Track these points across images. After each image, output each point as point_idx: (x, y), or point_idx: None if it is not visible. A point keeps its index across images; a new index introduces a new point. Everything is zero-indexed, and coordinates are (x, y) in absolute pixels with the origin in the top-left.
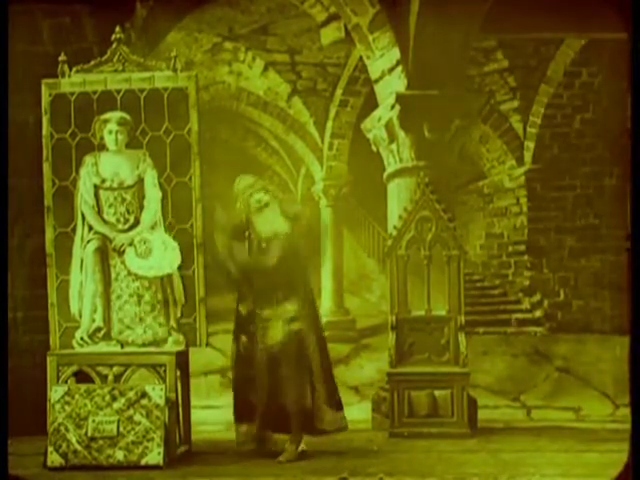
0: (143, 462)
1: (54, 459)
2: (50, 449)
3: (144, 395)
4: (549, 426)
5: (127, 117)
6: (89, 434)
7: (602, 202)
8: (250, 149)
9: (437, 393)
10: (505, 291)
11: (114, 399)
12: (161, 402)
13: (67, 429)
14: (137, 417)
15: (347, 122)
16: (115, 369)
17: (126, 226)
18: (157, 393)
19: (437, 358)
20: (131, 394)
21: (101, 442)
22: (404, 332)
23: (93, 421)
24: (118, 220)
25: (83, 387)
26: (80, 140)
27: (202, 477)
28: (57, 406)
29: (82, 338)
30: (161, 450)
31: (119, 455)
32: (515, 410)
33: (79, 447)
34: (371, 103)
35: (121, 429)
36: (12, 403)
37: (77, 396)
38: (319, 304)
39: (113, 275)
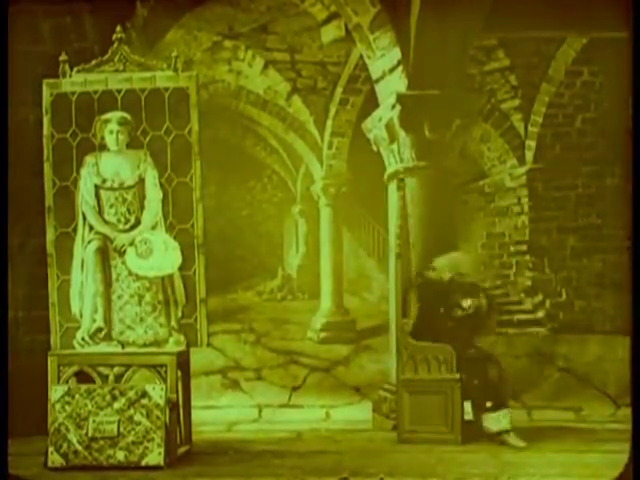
0: (144, 462)
1: (55, 459)
2: (51, 449)
3: (144, 395)
4: (550, 426)
5: (128, 117)
6: (90, 434)
7: (604, 202)
8: (249, 148)
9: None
10: (507, 291)
11: (114, 399)
12: (161, 402)
13: (68, 429)
14: (137, 417)
15: (347, 121)
16: (116, 369)
17: (127, 226)
18: (157, 393)
19: None
20: (131, 394)
21: (102, 442)
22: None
23: (94, 421)
24: (119, 220)
25: (83, 387)
26: (81, 140)
27: (203, 477)
28: (57, 406)
29: (83, 338)
30: (161, 450)
31: (120, 455)
32: (516, 410)
33: (80, 447)
34: (371, 102)
35: (121, 429)
36: (12, 403)
37: (77, 396)
38: (318, 304)
39: (114, 275)
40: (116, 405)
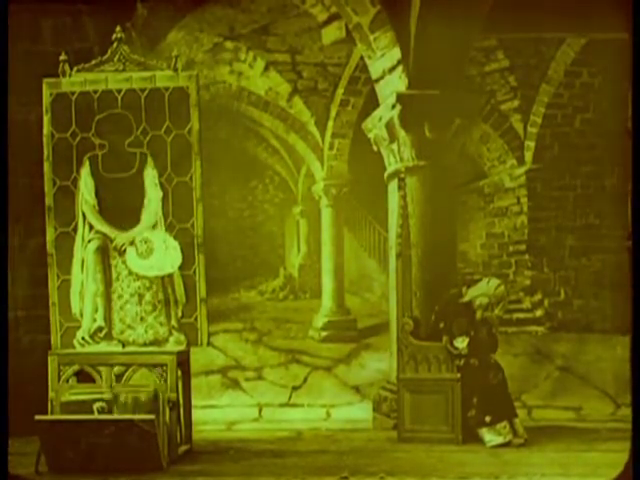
0: None
1: None
2: None
3: None
4: (550, 425)
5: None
6: None
7: (602, 202)
8: (251, 149)
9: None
10: (506, 291)
11: None
12: None
13: None
14: None
15: (348, 122)
16: (116, 369)
17: None
18: None
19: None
20: None
21: None
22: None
23: None
24: None
25: None
26: (81, 139)
27: (203, 476)
28: None
29: (83, 338)
30: None
31: None
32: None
33: None
34: (372, 103)
35: None
36: (13, 403)
37: None
38: (320, 304)
39: (114, 275)
40: None
